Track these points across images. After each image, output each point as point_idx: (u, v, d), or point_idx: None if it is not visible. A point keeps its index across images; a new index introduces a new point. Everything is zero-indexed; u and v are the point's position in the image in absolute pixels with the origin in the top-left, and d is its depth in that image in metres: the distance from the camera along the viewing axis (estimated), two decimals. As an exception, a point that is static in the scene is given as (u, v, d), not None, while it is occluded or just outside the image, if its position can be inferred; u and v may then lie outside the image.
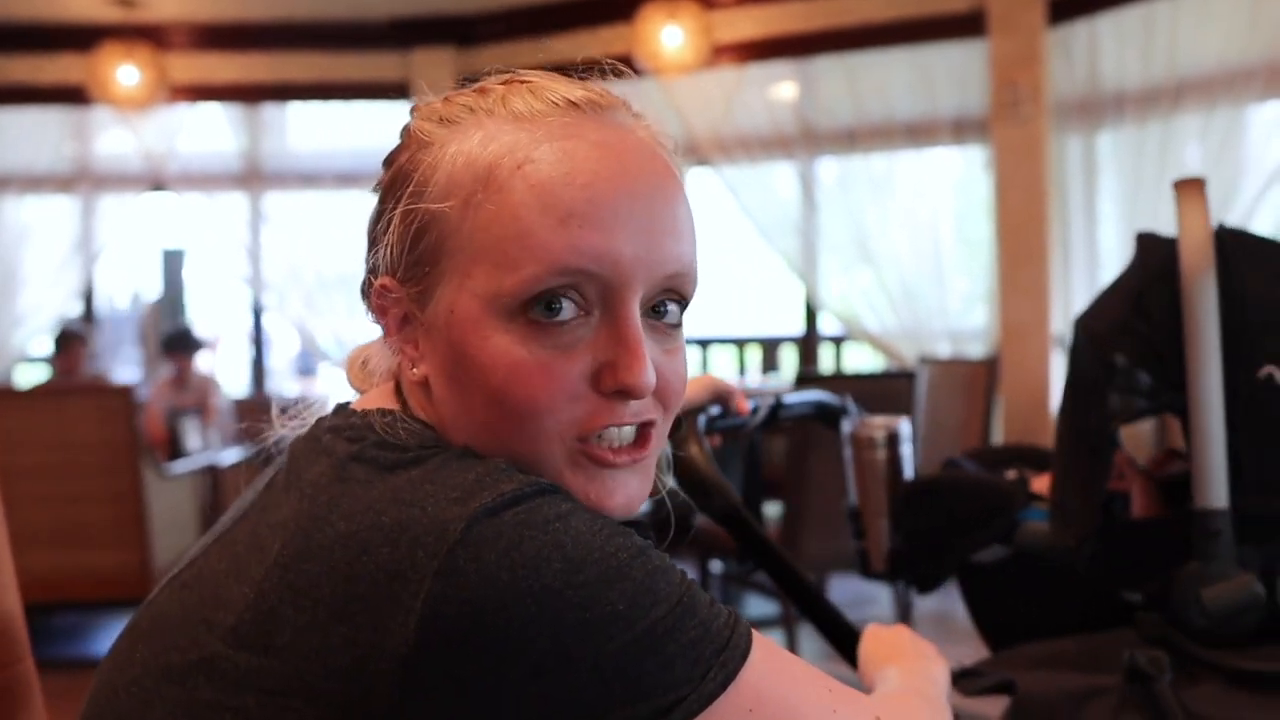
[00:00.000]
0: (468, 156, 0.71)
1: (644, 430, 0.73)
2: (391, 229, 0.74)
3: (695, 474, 1.17)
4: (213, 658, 0.65)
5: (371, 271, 0.77)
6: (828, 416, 1.44)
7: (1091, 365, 1.22)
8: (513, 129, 0.72)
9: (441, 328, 0.71)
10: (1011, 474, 1.44)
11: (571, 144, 0.71)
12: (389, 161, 0.78)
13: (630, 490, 0.74)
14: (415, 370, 0.74)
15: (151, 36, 5.77)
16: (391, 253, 0.74)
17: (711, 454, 1.20)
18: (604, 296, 0.70)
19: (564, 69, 0.79)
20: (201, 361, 5.65)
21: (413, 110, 0.78)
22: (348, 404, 0.77)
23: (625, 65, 0.81)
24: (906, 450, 1.38)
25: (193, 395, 5.28)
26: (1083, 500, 1.22)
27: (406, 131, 0.78)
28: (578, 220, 0.68)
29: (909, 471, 1.39)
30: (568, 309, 0.69)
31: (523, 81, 0.76)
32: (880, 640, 1.03)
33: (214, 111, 6.21)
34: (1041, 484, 1.42)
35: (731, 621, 0.67)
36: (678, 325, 0.75)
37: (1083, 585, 1.31)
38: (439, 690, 0.60)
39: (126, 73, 5.59)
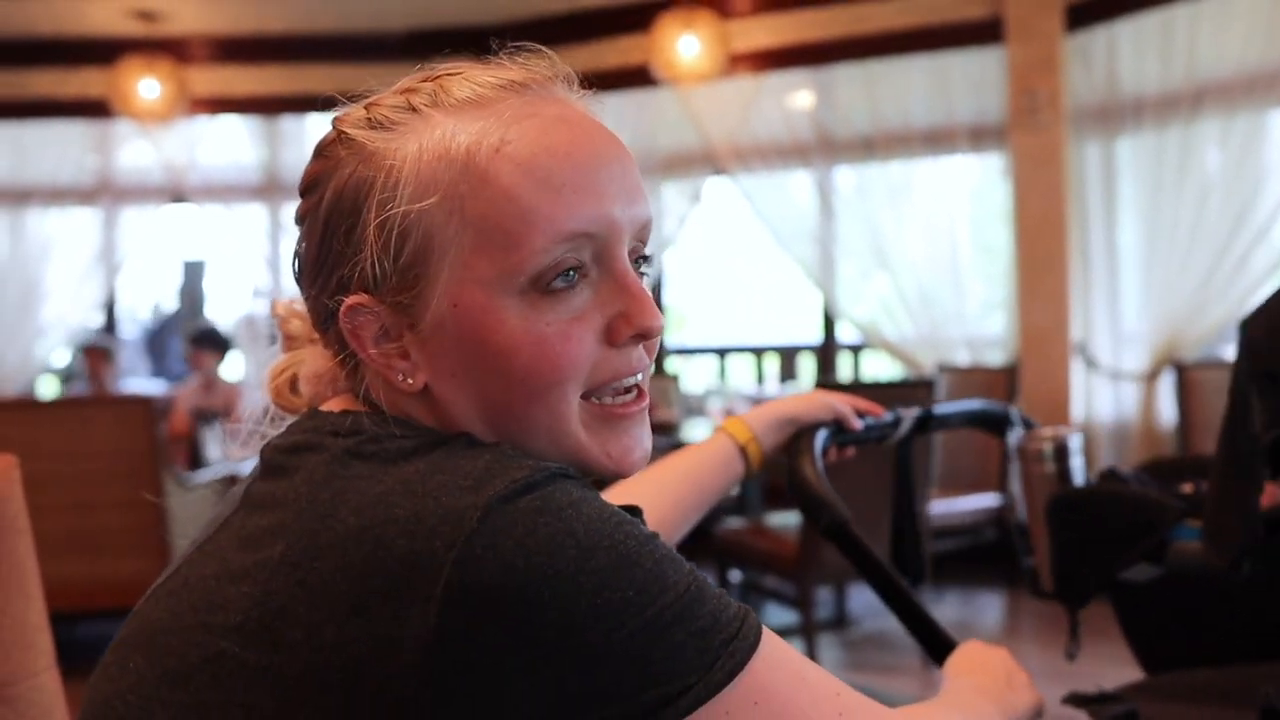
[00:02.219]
0: (436, 150, 0.71)
1: (639, 381, 0.77)
2: (365, 243, 0.71)
3: (807, 489, 1.20)
4: (218, 656, 0.65)
5: (334, 292, 0.74)
6: (993, 424, 1.41)
7: (1246, 374, 1.14)
8: (472, 116, 0.72)
9: (446, 325, 0.71)
10: (1187, 487, 1.35)
11: (537, 120, 0.72)
12: (314, 185, 0.76)
13: (644, 442, 0.77)
14: (409, 381, 0.73)
15: (172, 50, 5.83)
16: (370, 267, 0.71)
17: (823, 470, 1.22)
18: (599, 256, 0.73)
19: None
20: (227, 368, 5.68)
21: (337, 123, 0.76)
22: (318, 410, 0.76)
23: (534, 44, 0.79)
24: (1077, 463, 1.33)
25: (220, 399, 5.29)
26: (1236, 518, 1.14)
27: (338, 145, 0.75)
28: (570, 188, 0.71)
29: (1079, 484, 1.33)
30: (567, 276, 0.71)
31: (450, 74, 0.75)
32: (968, 655, 1.02)
33: (233, 123, 6.27)
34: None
35: (741, 614, 0.67)
36: (647, 266, 0.79)
37: (1243, 610, 1.25)
38: (457, 677, 0.61)
39: (147, 86, 5.64)
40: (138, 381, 7.45)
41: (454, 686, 0.61)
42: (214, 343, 5.43)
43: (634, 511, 0.74)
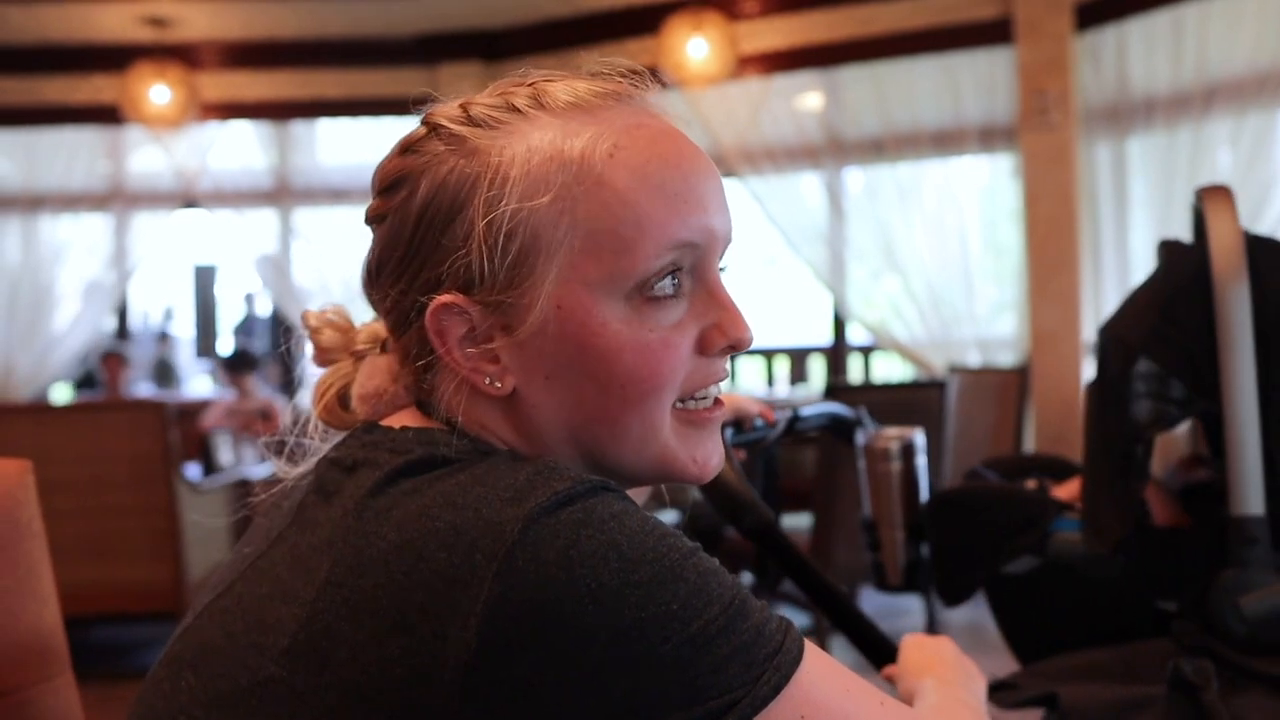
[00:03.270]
0: (548, 150, 0.71)
1: None
2: (469, 240, 0.70)
3: (725, 489, 1.17)
4: (267, 681, 0.64)
5: (423, 290, 0.72)
6: (841, 428, 1.43)
7: (1120, 373, 1.22)
8: (580, 120, 0.72)
9: (548, 327, 0.70)
10: (1031, 484, 1.42)
11: (646, 129, 0.74)
12: (401, 181, 0.74)
13: (720, 450, 0.78)
14: (497, 385, 0.72)
15: (183, 56, 5.85)
16: (476, 264, 0.70)
17: (741, 469, 1.20)
18: (696, 267, 0.74)
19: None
20: (259, 383, 5.87)
21: (431, 117, 0.75)
22: (377, 424, 0.75)
23: (626, 63, 0.79)
24: (921, 461, 1.37)
25: (255, 407, 5.47)
26: (1115, 508, 1.21)
27: (434, 139, 0.73)
28: (682, 198, 0.72)
29: (924, 483, 1.37)
30: (673, 283, 0.72)
31: (548, 80, 0.75)
32: (921, 650, 1.01)
33: (244, 129, 6.29)
34: (1063, 493, 1.40)
35: (784, 626, 0.67)
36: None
37: (1115, 595, 1.30)
38: (499, 693, 0.60)
39: (158, 92, 5.67)
40: (147, 387, 7.49)
41: (496, 702, 0.60)
42: (246, 363, 5.86)
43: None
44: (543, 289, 0.70)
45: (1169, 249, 1.32)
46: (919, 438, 1.37)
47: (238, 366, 5.85)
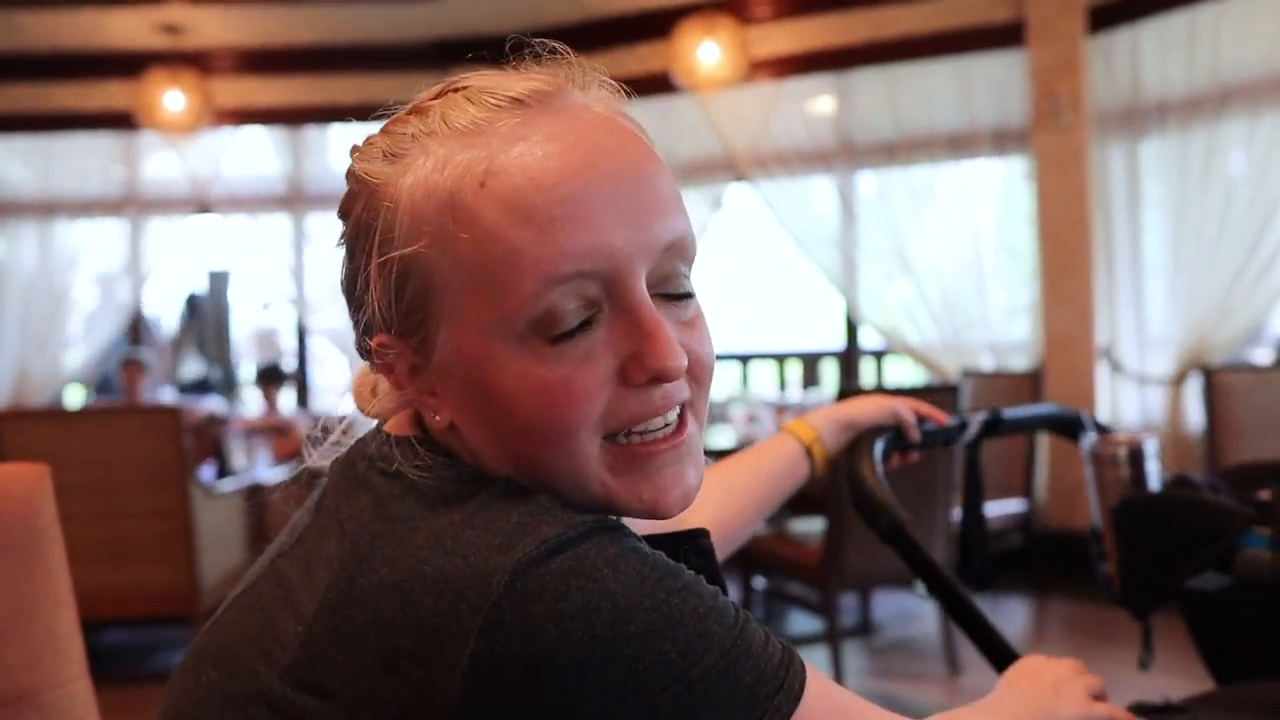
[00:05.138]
0: (425, 188, 0.67)
1: (681, 413, 0.70)
2: (372, 285, 0.69)
3: (865, 493, 1.20)
4: (269, 693, 0.64)
5: (364, 331, 0.72)
6: (1065, 428, 1.41)
7: None
8: (463, 146, 0.67)
9: (454, 370, 0.68)
10: (1264, 494, 1.30)
11: (527, 145, 0.66)
12: (344, 213, 0.73)
13: (685, 479, 0.70)
14: (438, 418, 0.70)
15: (196, 62, 5.88)
16: (379, 309, 0.69)
17: (882, 474, 1.22)
18: (608, 290, 0.66)
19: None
20: (286, 396, 6.01)
21: (353, 152, 0.73)
22: (382, 429, 0.75)
23: (559, 43, 0.74)
24: (1153, 468, 1.31)
25: (277, 423, 5.61)
26: None
27: (353, 177, 0.72)
28: (559, 224, 0.64)
29: (1155, 490, 1.31)
30: (575, 316, 0.65)
31: (457, 89, 0.71)
32: (1022, 666, 1.00)
33: (257, 134, 6.32)
34: None
35: (786, 660, 0.65)
36: (690, 294, 0.71)
37: None
38: None
39: (172, 98, 5.70)
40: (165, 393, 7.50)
41: None
42: (277, 376, 6.10)
43: (698, 535, 0.72)
44: (440, 333, 0.67)
45: None
46: (1150, 443, 1.31)
47: (269, 379, 6.02)
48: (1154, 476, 1.31)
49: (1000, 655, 1.15)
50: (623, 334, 0.66)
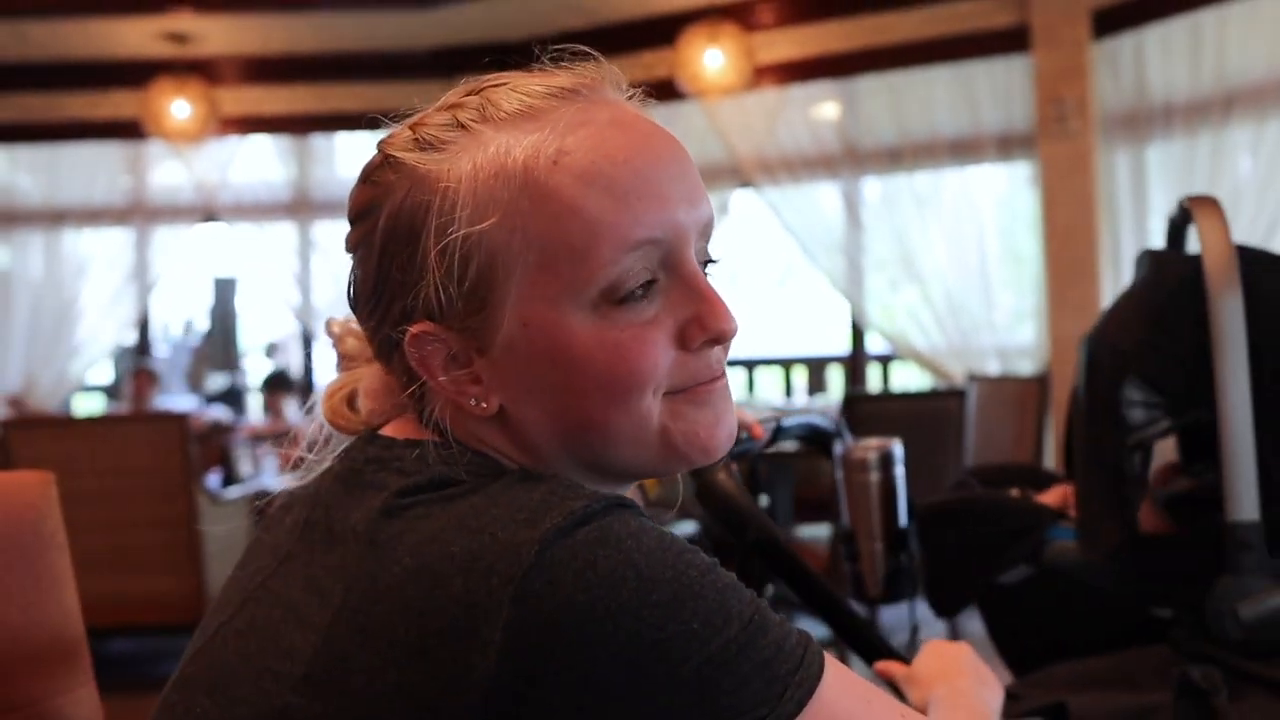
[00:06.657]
0: (492, 168, 0.69)
1: None
2: (426, 270, 0.70)
3: (726, 502, 1.15)
4: (284, 709, 0.64)
5: (394, 325, 0.72)
6: (819, 439, 1.40)
7: (1112, 382, 1.22)
8: (525, 128, 0.70)
9: (518, 345, 0.69)
10: (1015, 492, 1.41)
11: (592, 127, 0.70)
12: (369, 209, 0.73)
13: (730, 417, 0.75)
14: (482, 406, 0.71)
15: (202, 71, 5.90)
16: (435, 294, 0.70)
17: (741, 481, 1.17)
18: (666, 261, 0.71)
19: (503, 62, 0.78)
20: (293, 405, 6.00)
21: (382, 146, 0.74)
22: (377, 433, 0.75)
23: (580, 49, 0.78)
24: (899, 472, 1.34)
25: (282, 430, 5.60)
26: (1110, 516, 1.22)
27: (386, 169, 0.73)
28: (634, 195, 0.69)
29: (902, 494, 1.34)
30: (639, 281, 0.69)
31: (495, 86, 0.73)
32: (940, 657, 0.99)
33: (263, 143, 6.34)
34: (1046, 501, 1.40)
35: (804, 640, 0.66)
36: (711, 273, 0.77)
37: (1108, 603, 1.30)
38: (520, 717, 0.60)
39: (179, 107, 5.72)
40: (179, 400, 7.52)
41: None
42: (283, 384, 6.14)
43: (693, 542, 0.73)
44: (506, 309, 0.69)
45: (1154, 259, 1.32)
46: (897, 448, 1.34)
47: (274, 387, 6.04)
48: (900, 480, 1.34)
49: (887, 659, 1.15)
50: (679, 300, 0.71)
